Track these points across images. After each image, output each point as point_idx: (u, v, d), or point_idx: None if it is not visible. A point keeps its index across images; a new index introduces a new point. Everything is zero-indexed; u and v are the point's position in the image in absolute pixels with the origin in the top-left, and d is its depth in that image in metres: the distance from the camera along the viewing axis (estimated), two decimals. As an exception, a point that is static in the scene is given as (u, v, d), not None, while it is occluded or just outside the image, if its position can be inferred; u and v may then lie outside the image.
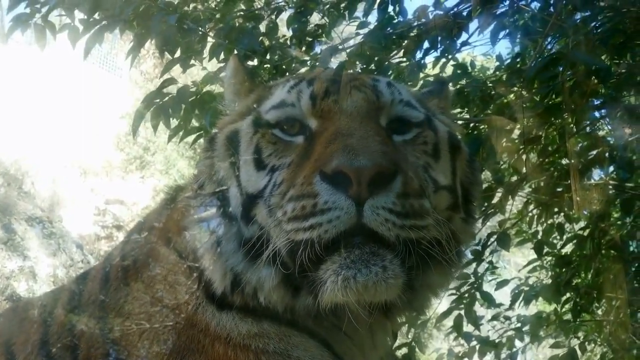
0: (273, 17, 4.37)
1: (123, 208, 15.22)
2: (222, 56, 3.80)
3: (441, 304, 2.77)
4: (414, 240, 1.67)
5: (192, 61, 3.85)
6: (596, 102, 3.71)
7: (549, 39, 3.65)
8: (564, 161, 4.22)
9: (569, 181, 3.82)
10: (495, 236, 4.03)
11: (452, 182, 2.04)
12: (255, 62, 3.91)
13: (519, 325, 5.03)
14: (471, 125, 3.79)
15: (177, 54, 3.81)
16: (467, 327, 4.55)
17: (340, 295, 1.63)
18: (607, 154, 3.82)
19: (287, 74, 3.78)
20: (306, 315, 1.86)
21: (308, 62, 4.00)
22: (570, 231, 4.89)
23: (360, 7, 4.53)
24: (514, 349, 4.97)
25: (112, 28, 3.67)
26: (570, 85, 3.26)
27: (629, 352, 4.58)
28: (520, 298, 4.96)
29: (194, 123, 3.84)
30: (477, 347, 4.64)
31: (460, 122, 3.72)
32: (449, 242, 1.83)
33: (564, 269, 4.61)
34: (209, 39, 3.87)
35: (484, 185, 3.77)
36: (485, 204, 3.94)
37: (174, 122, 3.77)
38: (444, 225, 1.79)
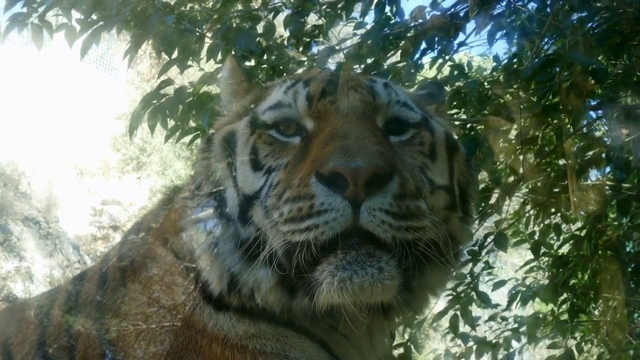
0: (270, 17, 4.36)
1: (119, 209, 15.22)
2: (219, 57, 3.80)
3: (437, 303, 2.77)
4: (410, 242, 1.67)
5: (190, 62, 3.84)
6: (593, 103, 3.73)
7: (546, 40, 3.66)
8: (561, 162, 4.23)
9: (566, 182, 3.83)
10: (492, 236, 4.03)
11: (450, 182, 2.04)
12: (252, 62, 3.91)
13: (516, 325, 5.04)
14: (468, 125, 3.80)
15: (175, 54, 3.81)
16: (464, 328, 4.55)
17: (336, 296, 1.62)
18: (604, 155, 3.83)
19: (285, 74, 3.78)
20: (303, 316, 1.85)
21: (305, 63, 4.00)
22: (567, 232, 4.89)
23: (357, 8, 4.54)
24: (511, 350, 4.97)
25: (109, 28, 3.66)
26: (567, 86, 3.26)
27: (625, 353, 4.59)
28: (517, 298, 4.96)
29: (191, 124, 3.83)
30: (474, 347, 4.65)
31: (457, 122, 3.72)
32: (447, 244, 1.83)
33: (560, 270, 4.61)
34: (206, 39, 3.87)
35: (481, 186, 3.78)
36: (482, 204, 3.94)
37: (171, 123, 3.77)
38: (441, 227, 1.80)
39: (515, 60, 4.16)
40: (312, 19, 4.55)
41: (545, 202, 4.31)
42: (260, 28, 4.24)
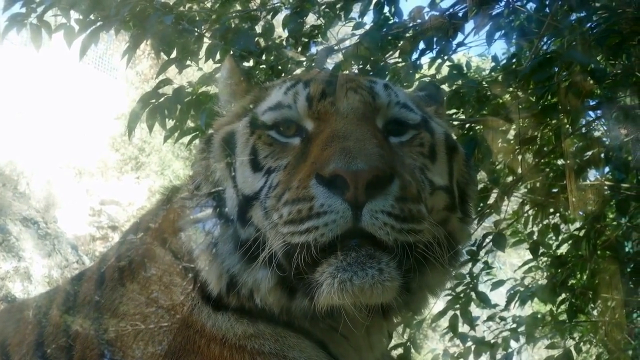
0: (269, 17, 4.36)
1: (118, 209, 15.19)
2: (218, 57, 3.80)
3: (436, 304, 2.77)
4: (412, 244, 1.67)
5: (188, 62, 3.84)
6: (592, 103, 3.72)
7: (545, 40, 3.66)
8: (560, 162, 4.22)
9: (565, 182, 3.83)
10: (490, 237, 4.03)
11: (449, 183, 2.04)
12: (251, 62, 3.90)
13: (514, 325, 5.03)
14: (467, 126, 3.79)
15: (173, 54, 3.80)
16: (463, 328, 4.55)
17: (336, 297, 1.62)
18: (602, 155, 3.83)
19: (283, 74, 3.78)
20: (302, 317, 1.85)
21: (304, 63, 4.00)
22: (566, 232, 4.89)
23: (356, 8, 4.54)
24: (510, 350, 4.97)
25: (108, 28, 3.66)
26: (565, 86, 3.26)
27: (624, 353, 4.59)
28: (516, 299, 4.96)
29: (190, 124, 3.83)
30: (473, 347, 4.65)
31: (455, 122, 3.72)
32: (443, 245, 1.83)
33: (559, 270, 4.60)
34: (205, 39, 3.86)
35: (480, 186, 3.77)
36: (481, 204, 3.94)
37: (169, 123, 3.76)
38: (439, 229, 1.80)
39: (513, 60, 4.16)
40: (311, 19, 4.54)
41: (544, 202, 4.31)
42: (259, 28, 4.24)
